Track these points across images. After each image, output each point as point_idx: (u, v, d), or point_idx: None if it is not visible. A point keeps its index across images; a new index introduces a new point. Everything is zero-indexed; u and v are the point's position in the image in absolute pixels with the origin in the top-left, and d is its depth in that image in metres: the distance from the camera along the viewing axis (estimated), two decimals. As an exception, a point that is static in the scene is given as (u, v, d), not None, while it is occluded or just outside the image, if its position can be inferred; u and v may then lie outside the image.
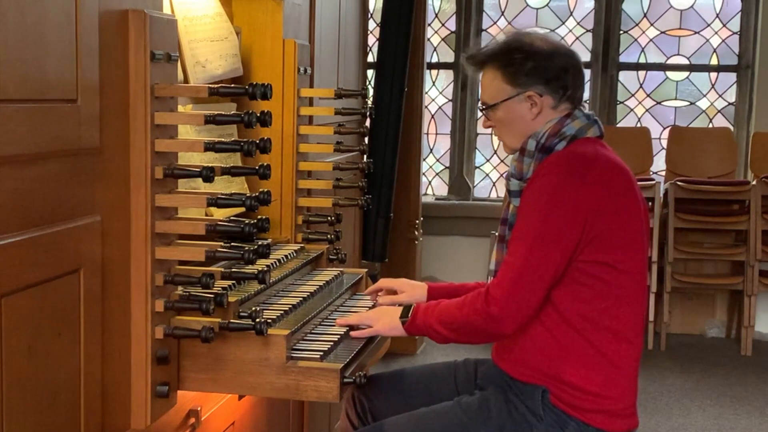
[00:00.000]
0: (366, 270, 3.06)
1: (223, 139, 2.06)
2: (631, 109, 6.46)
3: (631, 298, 2.25)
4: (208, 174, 1.94)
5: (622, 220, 2.21)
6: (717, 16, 6.29)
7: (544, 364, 2.24)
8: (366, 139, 4.41)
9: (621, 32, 6.40)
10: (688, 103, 6.43)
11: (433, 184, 6.66)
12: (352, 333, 2.39)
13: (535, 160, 2.27)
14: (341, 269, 2.92)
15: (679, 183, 5.76)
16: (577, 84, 2.33)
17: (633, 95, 6.45)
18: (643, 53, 6.41)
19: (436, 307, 2.30)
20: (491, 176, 6.62)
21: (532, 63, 2.29)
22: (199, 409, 2.29)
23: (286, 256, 2.70)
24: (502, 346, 2.34)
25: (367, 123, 4.43)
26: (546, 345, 2.23)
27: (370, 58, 4.91)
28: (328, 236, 3.03)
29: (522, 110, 2.31)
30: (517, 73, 2.30)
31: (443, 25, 6.56)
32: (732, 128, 6.28)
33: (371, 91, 4.87)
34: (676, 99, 6.44)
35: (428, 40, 5.94)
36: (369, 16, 4.76)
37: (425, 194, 6.41)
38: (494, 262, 2.40)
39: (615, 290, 2.21)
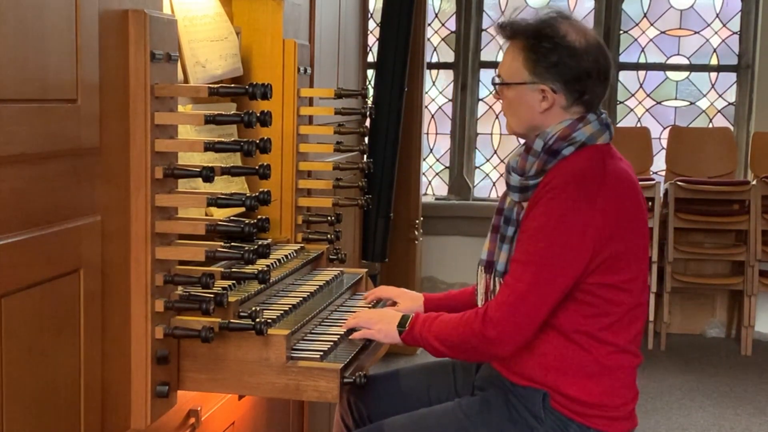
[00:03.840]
0: (366, 270, 3.06)
1: (223, 139, 2.05)
2: (631, 109, 6.46)
3: (634, 314, 2.22)
4: (208, 174, 1.94)
5: (630, 241, 2.17)
6: (717, 16, 6.29)
7: (543, 375, 2.21)
8: (366, 139, 4.41)
9: (621, 32, 6.40)
10: (688, 103, 6.43)
11: (433, 184, 6.66)
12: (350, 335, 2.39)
13: (539, 160, 2.21)
14: (341, 269, 2.92)
15: (679, 183, 5.76)
16: (597, 90, 2.22)
17: (633, 95, 6.45)
18: (643, 53, 6.41)
19: (434, 320, 2.26)
20: (491, 176, 6.62)
21: (557, 57, 2.18)
22: (199, 409, 2.29)
23: (286, 256, 2.70)
24: None
25: (367, 123, 4.43)
26: (545, 358, 2.21)
27: (370, 58, 4.91)
28: (328, 236, 3.03)
29: (532, 100, 2.23)
30: (537, 62, 2.20)
31: (443, 25, 6.56)
32: (732, 128, 6.28)
33: (371, 91, 4.87)
34: (676, 99, 6.44)
35: (428, 40, 5.95)
36: (369, 16, 4.76)
37: (425, 194, 6.41)
38: (486, 252, 2.35)
39: (618, 308, 2.19)
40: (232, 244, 2.01)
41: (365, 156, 4.12)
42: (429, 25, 6.03)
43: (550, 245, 2.12)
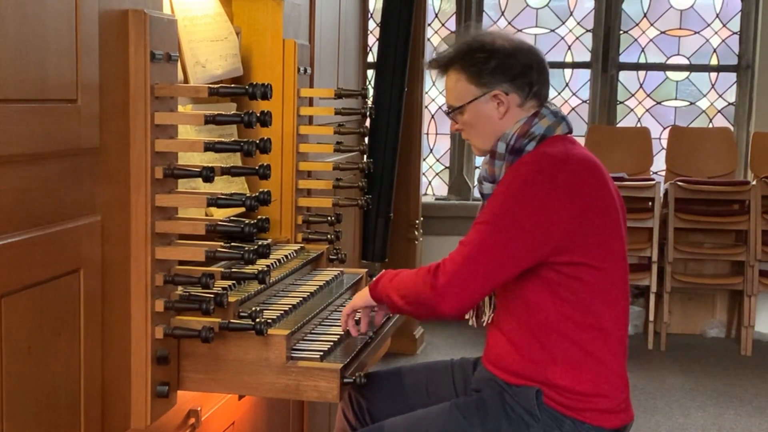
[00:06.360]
0: (366, 270, 3.06)
1: (223, 139, 2.06)
2: (631, 109, 6.46)
3: (613, 293, 2.24)
4: (208, 174, 1.94)
5: (598, 219, 2.19)
6: (717, 16, 6.30)
7: (533, 370, 2.23)
8: (366, 139, 4.41)
9: (621, 32, 6.40)
10: (688, 103, 6.43)
11: (433, 184, 6.66)
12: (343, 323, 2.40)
13: (506, 162, 2.27)
14: (341, 269, 2.93)
15: (679, 183, 5.76)
16: (542, 80, 2.31)
17: (633, 95, 6.46)
18: (643, 53, 6.41)
19: (397, 275, 2.31)
20: (491, 176, 6.62)
21: (495, 61, 2.27)
22: (199, 409, 2.29)
23: (286, 256, 2.70)
24: (492, 352, 2.33)
25: (367, 123, 4.43)
26: (533, 352, 2.23)
27: (370, 58, 4.91)
28: (328, 236, 3.03)
29: (489, 110, 2.30)
30: (481, 73, 2.28)
31: (443, 25, 6.56)
32: (732, 128, 6.28)
33: (371, 91, 4.87)
34: (676, 99, 6.45)
35: (428, 40, 5.94)
36: (369, 16, 4.76)
37: (425, 194, 6.41)
38: None
39: (596, 288, 2.20)
40: (232, 244, 2.01)
41: (365, 156, 4.12)
42: (429, 25, 6.03)
43: (507, 210, 2.15)
